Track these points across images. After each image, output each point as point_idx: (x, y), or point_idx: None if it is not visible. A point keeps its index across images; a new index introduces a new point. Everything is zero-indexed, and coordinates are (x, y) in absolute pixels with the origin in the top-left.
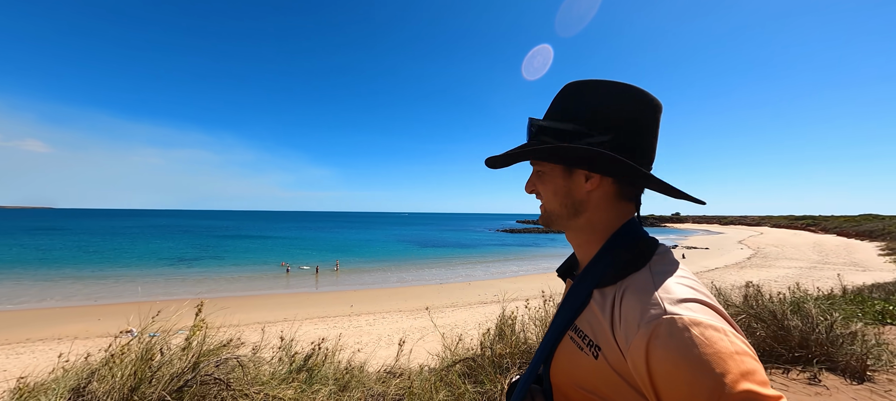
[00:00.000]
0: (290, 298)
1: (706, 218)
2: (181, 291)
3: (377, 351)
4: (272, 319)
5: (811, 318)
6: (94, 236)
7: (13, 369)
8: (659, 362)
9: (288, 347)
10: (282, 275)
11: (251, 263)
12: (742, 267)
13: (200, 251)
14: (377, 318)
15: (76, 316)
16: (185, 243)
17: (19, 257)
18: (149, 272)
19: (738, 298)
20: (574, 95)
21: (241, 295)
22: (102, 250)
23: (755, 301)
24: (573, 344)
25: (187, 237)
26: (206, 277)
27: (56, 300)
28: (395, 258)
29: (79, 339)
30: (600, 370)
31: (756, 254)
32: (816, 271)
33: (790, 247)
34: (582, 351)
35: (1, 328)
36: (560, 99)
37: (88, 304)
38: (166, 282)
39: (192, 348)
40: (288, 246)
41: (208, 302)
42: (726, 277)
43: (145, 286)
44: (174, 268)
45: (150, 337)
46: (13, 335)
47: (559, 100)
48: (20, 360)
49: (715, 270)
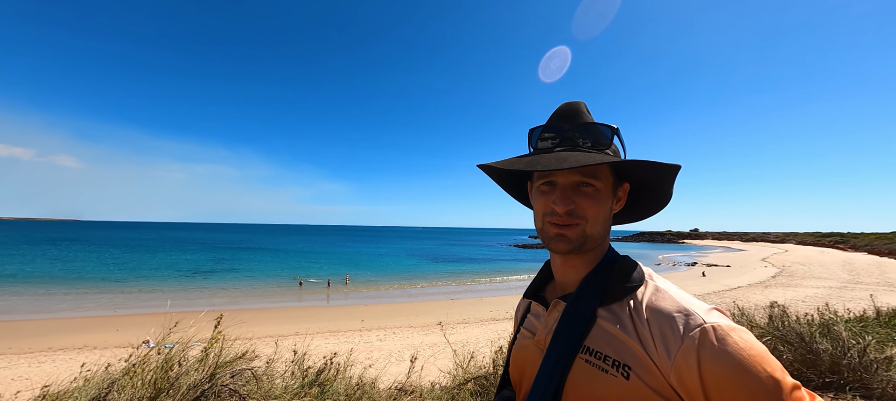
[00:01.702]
0: (302, 312)
1: (726, 234)
2: (198, 303)
3: (388, 367)
4: (285, 332)
5: (842, 341)
6: (116, 248)
7: (36, 378)
8: (712, 370)
9: (300, 361)
10: (295, 288)
11: (265, 275)
12: (766, 286)
13: (216, 264)
14: (388, 333)
15: (96, 326)
16: (202, 256)
17: (43, 268)
18: (166, 284)
19: (763, 318)
20: (584, 111)
21: (254, 308)
22: (122, 262)
23: (781, 322)
24: (591, 367)
25: (205, 250)
26: (222, 290)
27: (77, 311)
28: (406, 273)
29: (98, 349)
30: (634, 390)
31: (781, 272)
32: (847, 292)
33: (818, 265)
34: (607, 373)
35: (24, 337)
36: (579, 111)
37: (108, 314)
38: (184, 293)
39: (209, 359)
40: (301, 259)
41: (224, 314)
42: (750, 296)
43: (163, 298)
44: (191, 280)
45: (168, 348)
46: (36, 344)
47: (579, 111)
48: (42, 369)
49: (737, 289)
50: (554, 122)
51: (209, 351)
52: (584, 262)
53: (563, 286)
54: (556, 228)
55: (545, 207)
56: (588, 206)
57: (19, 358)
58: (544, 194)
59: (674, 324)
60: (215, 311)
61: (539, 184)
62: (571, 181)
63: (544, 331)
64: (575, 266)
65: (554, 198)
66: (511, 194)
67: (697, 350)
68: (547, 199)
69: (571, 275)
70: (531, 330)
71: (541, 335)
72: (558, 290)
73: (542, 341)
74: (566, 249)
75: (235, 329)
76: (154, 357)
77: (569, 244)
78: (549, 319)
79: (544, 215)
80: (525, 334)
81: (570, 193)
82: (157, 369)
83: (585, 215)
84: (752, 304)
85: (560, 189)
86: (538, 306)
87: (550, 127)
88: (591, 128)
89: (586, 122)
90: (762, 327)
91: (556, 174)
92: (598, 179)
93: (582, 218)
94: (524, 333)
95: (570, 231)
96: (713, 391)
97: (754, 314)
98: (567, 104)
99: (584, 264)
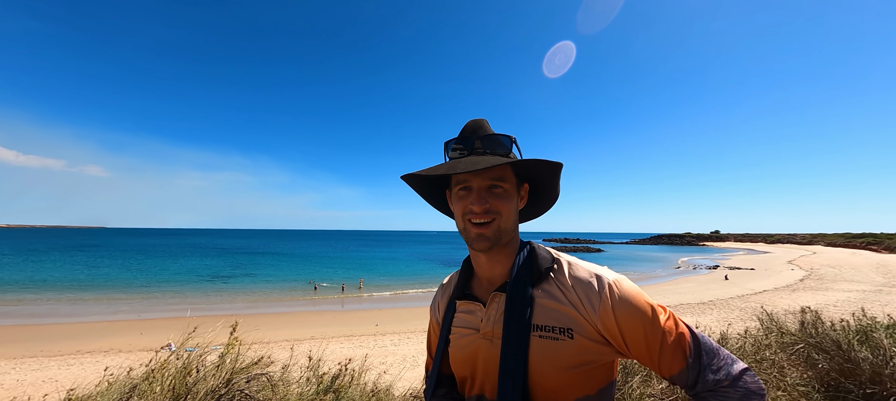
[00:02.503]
0: (317, 317)
1: (749, 236)
2: (217, 308)
3: (403, 373)
4: (300, 336)
5: (883, 349)
6: (139, 254)
7: (64, 380)
8: (621, 312)
9: (316, 366)
10: (310, 292)
11: (282, 280)
12: (794, 290)
13: (235, 269)
14: (402, 338)
15: (122, 330)
16: (221, 261)
17: (73, 274)
18: (187, 289)
19: (794, 324)
20: (487, 126)
21: (271, 312)
22: (146, 268)
23: (815, 329)
24: (545, 340)
25: (223, 255)
26: (240, 294)
27: (104, 315)
28: (420, 277)
29: (123, 352)
30: (579, 346)
31: (809, 275)
32: (883, 296)
33: (849, 268)
34: (558, 340)
35: (55, 340)
36: (483, 126)
37: (132, 318)
38: (204, 298)
39: (226, 365)
40: (316, 264)
41: (241, 319)
42: (777, 300)
43: (184, 302)
44: (211, 284)
45: (188, 352)
46: (65, 347)
47: (483, 126)
48: (70, 371)
49: (763, 293)
50: (464, 135)
51: (226, 357)
52: (506, 255)
53: (491, 281)
54: (476, 228)
55: (464, 208)
56: (500, 204)
57: (50, 360)
58: (462, 198)
59: (591, 286)
60: (234, 315)
61: (457, 189)
62: (484, 184)
63: (489, 323)
64: (499, 260)
65: (471, 199)
66: (431, 203)
67: (610, 300)
68: (465, 202)
69: (498, 269)
70: (470, 327)
71: (486, 328)
72: (487, 285)
73: (490, 332)
74: (486, 246)
75: (252, 334)
76: (173, 362)
77: (488, 242)
78: (489, 312)
79: (464, 215)
80: (463, 332)
81: (484, 194)
82: (176, 375)
83: (499, 211)
84: (780, 308)
85: (476, 192)
86: (470, 304)
87: (461, 139)
88: (494, 138)
89: (489, 133)
90: (793, 333)
91: (471, 179)
92: (505, 181)
93: (497, 214)
94: (461, 331)
95: (487, 229)
96: (624, 326)
97: (784, 319)
98: (473, 121)
99: (507, 257)
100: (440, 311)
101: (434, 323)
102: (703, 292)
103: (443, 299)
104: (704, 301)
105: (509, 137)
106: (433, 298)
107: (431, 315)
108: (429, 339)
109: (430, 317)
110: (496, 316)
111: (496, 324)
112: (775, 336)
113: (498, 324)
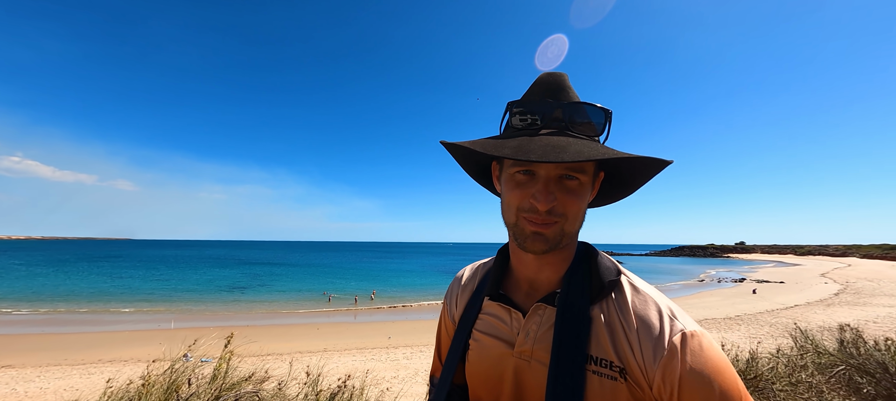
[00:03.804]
0: (330, 328)
1: (777, 247)
2: (235, 319)
3: (413, 387)
4: (313, 348)
5: None
6: (162, 265)
7: (84, 389)
8: (691, 382)
9: (314, 382)
10: (324, 303)
11: (295, 291)
12: (829, 305)
13: (252, 279)
14: (415, 351)
15: (143, 339)
16: (239, 272)
17: (100, 284)
18: (207, 299)
19: (832, 343)
20: (570, 86)
21: (284, 323)
22: (168, 278)
23: (856, 348)
24: (602, 378)
25: (241, 266)
26: (256, 304)
27: (126, 324)
28: (433, 289)
29: (141, 361)
30: (627, 393)
31: (845, 289)
32: None
33: (889, 281)
34: (616, 381)
35: (79, 349)
36: (565, 86)
37: (153, 328)
38: (223, 307)
39: (217, 381)
40: (329, 275)
41: (256, 329)
42: (810, 316)
43: (204, 312)
44: (229, 294)
45: (186, 360)
46: (89, 356)
47: (565, 86)
48: (90, 380)
49: (795, 308)
50: (538, 96)
51: (218, 371)
52: (562, 258)
53: (535, 285)
54: (532, 226)
55: (521, 201)
56: (570, 202)
57: (73, 369)
58: (520, 186)
59: (659, 329)
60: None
61: (514, 171)
62: (556, 173)
63: (528, 340)
64: (552, 263)
65: (534, 192)
66: (472, 176)
67: (680, 358)
68: (524, 191)
69: (547, 273)
70: (498, 335)
71: (524, 345)
72: (527, 288)
73: (529, 352)
74: (543, 249)
75: (255, 346)
76: (161, 377)
77: (546, 244)
78: (529, 325)
79: (519, 210)
80: (488, 342)
81: (553, 187)
82: (163, 390)
83: (565, 213)
84: (815, 325)
85: (543, 182)
86: (502, 308)
87: (533, 104)
88: (581, 108)
89: (576, 101)
90: (832, 353)
91: (539, 164)
92: (584, 173)
93: (561, 216)
94: (485, 339)
95: (548, 230)
96: (687, 396)
97: (820, 337)
98: (550, 75)
99: (562, 261)
100: (458, 306)
101: (448, 319)
102: (729, 307)
103: (463, 293)
104: (731, 316)
105: (605, 110)
106: (449, 289)
107: (445, 308)
108: (438, 337)
109: (444, 309)
110: (539, 333)
111: (538, 343)
112: (811, 356)
113: (541, 344)
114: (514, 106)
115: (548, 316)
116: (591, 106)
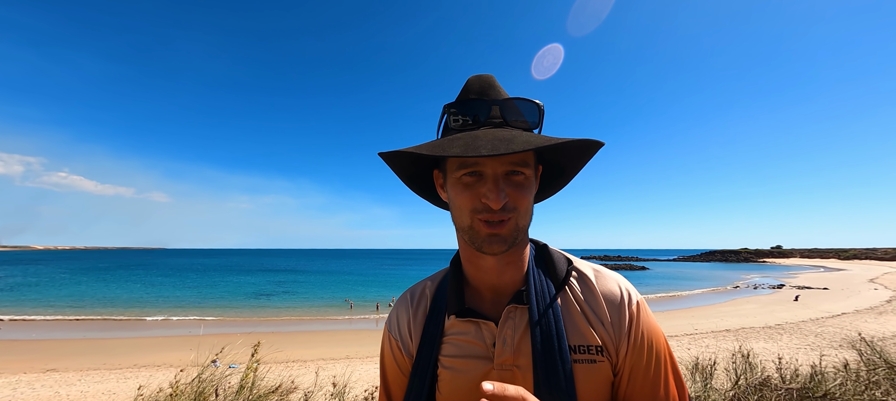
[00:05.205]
0: (352, 335)
1: (818, 251)
2: (261, 325)
3: None
4: (336, 355)
5: None
6: (192, 273)
7: (120, 393)
8: (643, 339)
9: (341, 393)
10: (346, 310)
11: (318, 298)
12: (880, 312)
13: (277, 287)
14: None
15: (175, 345)
16: (264, 279)
17: (136, 292)
18: (235, 305)
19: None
20: (499, 85)
21: (308, 330)
22: (199, 285)
23: None
24: (586, 365)
25: (267, 274)
26: (281, 311)
27: (160, 329)
28: None
29: (174, 367)
30: (607, 369)
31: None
32: None
33: None
34: (597, 363)
35: (116, 354)
36: (495, 84)
37: (183, 334)
38: (250, 314)
39: (243, 393)
40: (351, 282)
41: (280, 336)
42: (860, 325)
43: (231, 319)
44: (255, 300)
45: (214, 366)
46: (125, 361)
47: (495, 85)
48: (127, 384)
49: (842, 316)
50: (473, 97)
51: (244, 383)
52: (521, 255)
53: (499, 290)
54: (488, 228)
55: (473, 202)
56: (519, 197)
57: (110, 373)
58: (469, 187)
59: (621, 297)
60: (276, 332)
61: (460, 174)
62: (503, 170)
63: (506, 348)
64: (513, 262)
65: (484, 191)
66: (412, 188)
67: (639, 321)
68: (473, 192)
69: (510, 273)
70: (472, 355)
71: (504, 355)
72: (491, 296)
73: (511, 360)
74: (502, 249)
75: (282, 353)
76: (188, 386)
77: (504, 243)
78: (503, 332)
79: (473, 212)
80: (462, 365)
81: (502, 184)
82: (191, 400)
83: (517, 207)
84: (869, 335)
85: (492, 180)
86: (470, 324)
87: (469, 104)
88: (515, 105)
89: (507, 98)
90: None
91: (485, 163)
92: (528, 166)
93: (514, 210)
94: (458, 363)
95: (503, 229)
96: (636, 360)
97: (883, 347)
98: (479, 78)
99: (522, 258)
100: (412, 337)
101: (400, 355)
102: (768, 315)
103: (415, 320)
104: (771, 325)
105: (537, 103)
106: (389, 320)
107: (392, 344)
108: (385, 381)
109: (389, 346)
110: (516, 336)
111: (519, 348)
112: (884, 371)
113: (522, 348)
114: (450, 108)
115: (521, 317)
116: (525, 101)
